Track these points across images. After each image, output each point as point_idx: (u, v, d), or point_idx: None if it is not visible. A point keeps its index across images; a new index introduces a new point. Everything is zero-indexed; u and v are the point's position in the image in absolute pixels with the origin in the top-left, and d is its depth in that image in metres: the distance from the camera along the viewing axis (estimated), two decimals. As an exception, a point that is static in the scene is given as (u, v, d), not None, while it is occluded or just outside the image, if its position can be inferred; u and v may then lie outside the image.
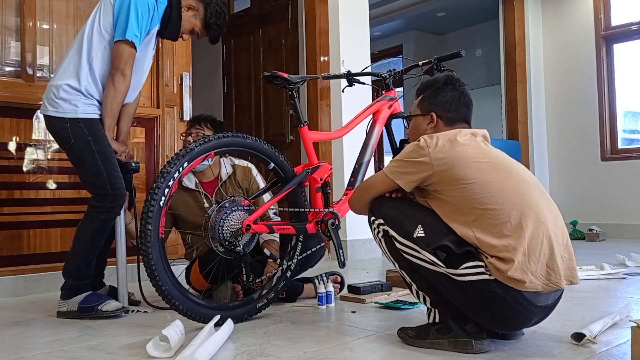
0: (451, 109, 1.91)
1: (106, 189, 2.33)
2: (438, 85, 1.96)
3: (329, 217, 2.27)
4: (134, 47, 2.35)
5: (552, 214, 1.73)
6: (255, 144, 2.24)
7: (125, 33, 2.32)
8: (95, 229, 2.37)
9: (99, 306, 2.32)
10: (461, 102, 1.93)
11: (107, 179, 2.33)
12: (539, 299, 1.66)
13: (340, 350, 1.77)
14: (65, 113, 2.34)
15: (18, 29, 3.12)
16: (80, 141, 2.33)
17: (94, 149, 2.32)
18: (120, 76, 2.34)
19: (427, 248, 1.68)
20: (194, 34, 2.56)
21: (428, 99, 1.96)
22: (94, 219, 2.37)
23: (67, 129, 2.33)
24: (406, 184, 1.78)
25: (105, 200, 2.34)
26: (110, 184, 2.33)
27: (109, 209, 2.36)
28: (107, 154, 2.35)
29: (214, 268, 2.42)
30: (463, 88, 1.96)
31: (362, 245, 4.31)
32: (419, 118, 1.97)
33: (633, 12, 5.65)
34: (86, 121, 2.34)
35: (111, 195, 2.34)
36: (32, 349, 1.89)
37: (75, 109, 2.34)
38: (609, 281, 2.99)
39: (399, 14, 7.71)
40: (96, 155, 2.32)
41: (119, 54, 2.34)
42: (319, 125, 4.38)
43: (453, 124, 1.91)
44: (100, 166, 2.32)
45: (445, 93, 1.93)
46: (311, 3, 4.53)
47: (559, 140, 6.08)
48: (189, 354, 1.60)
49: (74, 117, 2.33)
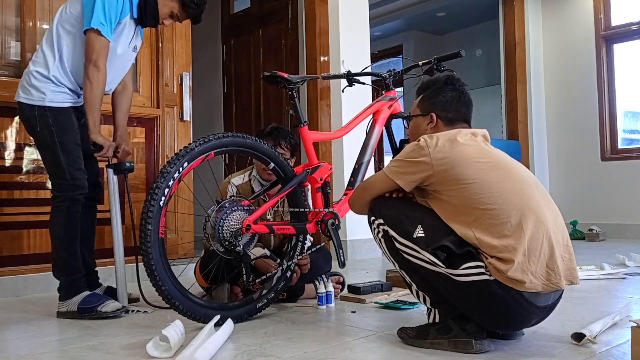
0: (451, 109, 1.91)
1: (66, 179, 2.35)
2: (438, 85, 1.96)
3: (329, 217, 2.27)
4: (102, 36, 2.32)
5: (553, 214, 1.73)
6: (255, 144, 2.24)
7: (91, 21, 2.30)
8: (63, 219, 2.38)
9: (99, 307, 2.32)
10: (461, 102, 1.92)
11: (66, 169, 2.35)
12: (539, 299, 1.66)
13: (340, 350, 1.77)
14: (34, 100, 2.35)
15: (18, 29, 3.12)
16: (45, 130, 2.36)
17: (56, 139, 2.34)
18: (93, 68, 2.32)
19: (427, 248, 1.68)
20: (174, 17, 2.52)
21: (428, 98, 1.96)
22: (59, 209, 2.39)
23: (35, 117, 2.36)
24: (406, 184, 1.78)
25: (66, 189, 2.36)
26: (70, 174, 2.35)
27: (70, 197, 2.37)
28: (69, 146, 2.36)
29: (213, 269, 2.43)
30: (463, 88, 1.96)
31: (362, 245, 4.31)
32: (419, 118, 1.97)
33: (633, 12, 5.65)
34: (53, 110, 2.35)
35: (71, 185, 2.36)
36: (32, 349, 1.89)
37: (43, 96, 2.35)
38: (609, 281, 2.99)
39: (399, 14, 7.71)
40: (57, 146, 2.34)
41: (90, 46, 2.32)
42: (319, 125, 4.38)
43: (453, 124, 1.91)
44: (61, 156, 2.34)
45: (445, 93, 1.93)
46: (311, 3, 4.53)
47: (559, 140, 6.08)
48: (189, 354, 1.60)
49: (42, 105, 2.35)
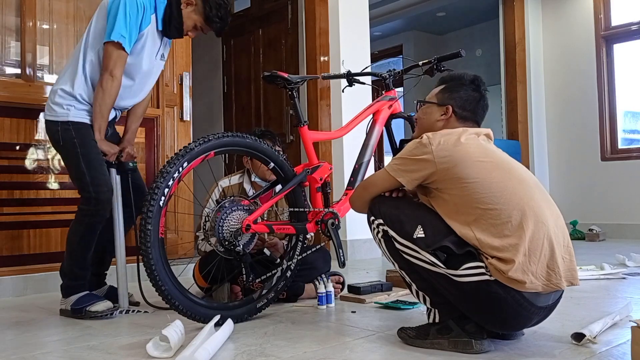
0: (468, 108, 1.90)
1: (89, 191, 2.34)
2: (463, 81, 1.94)
3: (328, 217, 2.27)
4: (122, 49, 2.33)
5: (553, 215, 1.73)
6: (255, 144, 2.24)
7: (112, 34, 2.31)
8: (82, 232, 2.38)
9: (88, 307, 2.33)
10: (480, 105, 1.92)
11: (89, 182, 2.34)
12: (539, 299, 1.65)
13: (340, 350, 1.77)
14: (57, 117, 2.37)
15: (18, 29, 3.12)
16: (68, 144, 2.36)
17: (79, 152, 2.35)
18: (108, 77, 2.33)
19: (427, 249, 1.68)
20: (198, 29, 2.53)
21: (449, 91, 1.93)
22: (79, 222, 2.39)
23: (59, 132, 2.37)
24: (408, 182, 1.77)
25: (89, 203, 2.35)
26: (93, 186, 2.33)
27: (93, 213, 2.36)
28: (91, 157, 2.36)
29: (213, 269, 2.43)
30: (485, 93, 1.95)
31: (362, 245, 4.31)
32: (434, 107, 1.94)
33: (633, 12, 5.65)
34: (76, 124, 2.36)
35: (94, 199, 2.34)
36: (32, 349, 1.89)
37: (67, 112, 2.36)
38: (609, 281, 2.99)
39: (399, 14, 7.71)
40: (80, 158, 2.34)
41: (107, 55, 2.34)
42: (319, 125, 4.38)
43: (465, 123, 1.90)
44: (84, 169, 2.34)
45: (468, 91, 1.91)
46: (311, 3, 4.53)
47: (559, 140, 6.08)
48: (189, 354, 1.60)
49: (65, 120, 2.36)
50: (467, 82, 1.94)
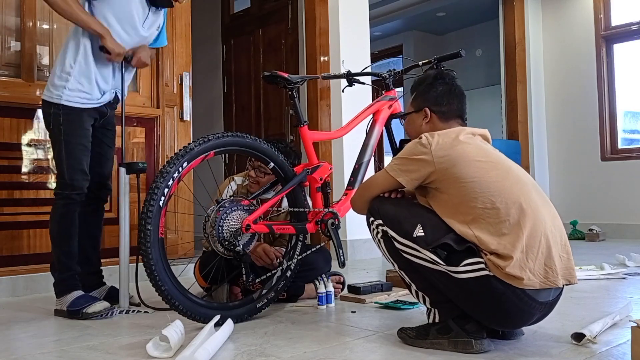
0: (443, 103, 1.94)
1: (64, 177, 2.39)
2: (429, 80, 2.00)
3: (328, 217, 2.27)
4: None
5: (550, 215, 1.74)
6: (255, 144, 2.24)
7: None
8: (58, 217, 2.42)
9: (84, 309, 2.33)
10: (452, 94, 1.95)
11: (65, 169, 2.38)
12: (540, 294, 1.66)
13: (340, 350, 1.77)
14: (52, 98, 2.40)
15: (18, 29, 3.12)
16: (55, 129, 2.41)
17: (62, 139, 2.39)
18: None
19: (427, 247, 1.68)
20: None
21: (420, 95, 1.99)
22: (55, 207, 2.43)
23: (50, 114, 2.41)
24: (408, 182, 1.78)
25: (64, 187, 2.39)
26: (69, 173, 2.38)
27: (66, 196, 2.40)
28: (73, 146, 2.39)
29: (213, 269, 2.43)
30: (453, 81, 1.99)
31: (362, 245, 4.31)
32: (413, 115, 2.00)
33: (633, 12, 5.65)
34: (66, 109, 2.39)
35: (69, 185, 2.39)
36: (32, 349, 1.89)
37: (60, 95, 2.38)
38: (609, 281, 2.99)
39: (399, 14, 7.71)
40: (62, 145, 2.39)
41: None
42: (319, 125, 4.38)
43: (448, 119, 1.94)
44: (63, 155, 2.38)
45: (436, 88, 1.96)
46: (311, 3, 4.53)
47: (559, 140, 6.08)
48: (189, 354, 1.60)
49: (57, 103, 2.39)
50: (432, 80, 1.99)
